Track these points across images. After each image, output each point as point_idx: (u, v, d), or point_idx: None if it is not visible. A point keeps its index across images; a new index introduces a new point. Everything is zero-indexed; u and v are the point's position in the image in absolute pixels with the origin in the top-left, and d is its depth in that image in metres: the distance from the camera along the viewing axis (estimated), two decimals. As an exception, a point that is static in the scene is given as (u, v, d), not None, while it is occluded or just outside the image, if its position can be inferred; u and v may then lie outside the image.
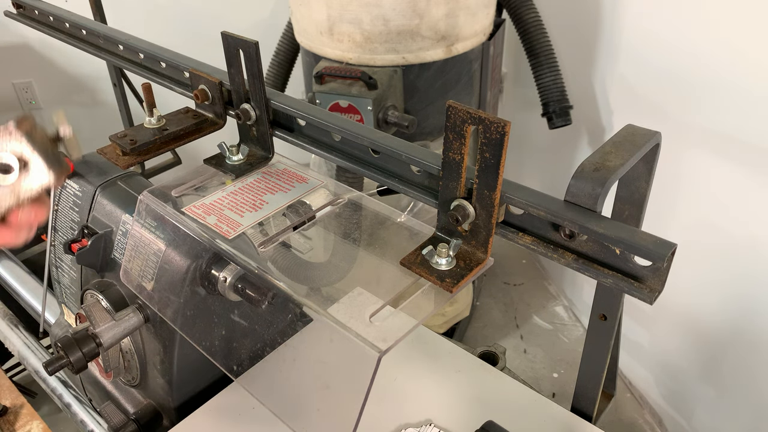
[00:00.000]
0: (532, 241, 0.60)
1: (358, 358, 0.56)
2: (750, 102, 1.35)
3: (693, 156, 1.53)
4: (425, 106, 1.58)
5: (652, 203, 0.67)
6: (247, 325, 0.84)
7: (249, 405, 0.91)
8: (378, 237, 0.73)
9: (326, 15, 1.48)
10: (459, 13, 1.47)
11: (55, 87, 2.51)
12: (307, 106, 0.78)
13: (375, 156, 0.72)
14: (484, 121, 0.55)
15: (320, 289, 0.74)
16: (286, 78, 1.98)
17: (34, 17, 1.24)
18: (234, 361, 0.82)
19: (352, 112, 1.47)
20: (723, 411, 1.66)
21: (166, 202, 0.77)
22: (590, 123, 1.97)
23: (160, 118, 0.85)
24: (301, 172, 0.81)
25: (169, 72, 0.94)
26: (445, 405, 0.90)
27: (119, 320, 0.85)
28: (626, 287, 0.54)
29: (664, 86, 1.60)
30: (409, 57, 1.49)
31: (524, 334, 2.28)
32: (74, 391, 1.04)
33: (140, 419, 0.95)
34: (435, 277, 0.61)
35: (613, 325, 0.74)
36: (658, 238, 0.51)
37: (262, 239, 0.72)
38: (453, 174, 0.61)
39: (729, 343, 1.59)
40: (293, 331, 0.82)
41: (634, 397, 2.01)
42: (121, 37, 1.01)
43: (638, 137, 0.60)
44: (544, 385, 2.07)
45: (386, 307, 0.60)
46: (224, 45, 0.76)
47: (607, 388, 0.88)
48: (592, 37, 1.87)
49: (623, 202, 0.67)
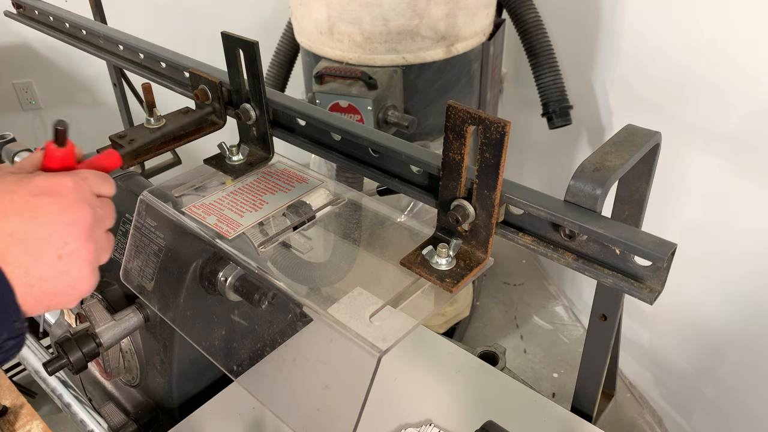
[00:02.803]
0: (532, 241, 0.60)
1: (358, 358, 0.56)
2: (750, 102, 1.35)
3: (693, 156, 1.53)
4: (425, 106, 1.58)
5: (652, 203, 0.67)
6: (247, 325, 0.84)
7: (249, 405, 0.91)
8: (378, 237, 0.73)
9: (326, 15, 1.48)
10: (459, 13, 1.47)
11: (55, 87, 2.51)
12: (307, 106, 0.78)
13: (375, 156, 0.72)
14: (484, 121, 0.55)
15: (320, 289, 0.74)
16: (286, 78, 1.98)
17: (34, 17, 1.24)
18: (234, 361, 0.82)
19: (352, 112, 1.47)
20: (723, 411, 1.66)
21: (166, 202, 0.77)
22: (590, 123, 1.97)
23: (160, 118, 0.85)
24: (301, 172, 0.81)
25: (169, 72, 0.94)
26: (445, 405, 0.90)
27: (119, 320, 0.85)
28: (626, 287, 0.54)
29: (664, 86, 1.60)
30: (409, 57, 1.49)
31: (524, 334, 2.28)
32: (74, 391, 1.04)
33: (140, 419, 0.95)
34: (435, 277, 0.61)
35: (613, 325, 0.74)
36: (658, 238, 0.51)
37: (262, 239, 0.72)
38: (453, 174, 0.61)
39: (729, 343, 1.58)
40: (293, 331, 0.82)
41: (634, 397, 2.01)
42: (121, 37, 1.01)
43: (638, 137, 0.60)
44: (544, 385, 2.07)
45: (386, 307, 0.60)
46: (224, 45, 0.76)
47: (607, 388, 0.88)
48: (592, 37, 1.87)
49: (623, 202, 0.67)
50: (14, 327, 0.42)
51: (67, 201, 0.46)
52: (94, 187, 0.50)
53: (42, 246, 0.43)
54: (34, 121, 2.58)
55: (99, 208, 0.49)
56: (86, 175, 0.50)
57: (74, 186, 0.47)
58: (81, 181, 0.48)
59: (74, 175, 0.48)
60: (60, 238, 0.44)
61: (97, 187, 0.50)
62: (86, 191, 0.48)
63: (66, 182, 0.46)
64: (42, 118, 2.58)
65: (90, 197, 0.48)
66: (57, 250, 0.44)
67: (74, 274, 0.46)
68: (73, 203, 0.46)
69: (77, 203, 0.46)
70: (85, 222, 0.46)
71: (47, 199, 0.45)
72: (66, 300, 0.46)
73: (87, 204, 0.47)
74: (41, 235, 0.43)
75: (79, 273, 0.46)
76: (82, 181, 0.48)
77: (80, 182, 0.48)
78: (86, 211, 0.46)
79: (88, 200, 0.48)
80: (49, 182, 0.46)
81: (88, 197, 0.48)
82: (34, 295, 0.43)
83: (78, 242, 0.46)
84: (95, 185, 0.50)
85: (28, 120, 2.56)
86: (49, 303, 0.45)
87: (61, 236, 0.45)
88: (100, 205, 0.49)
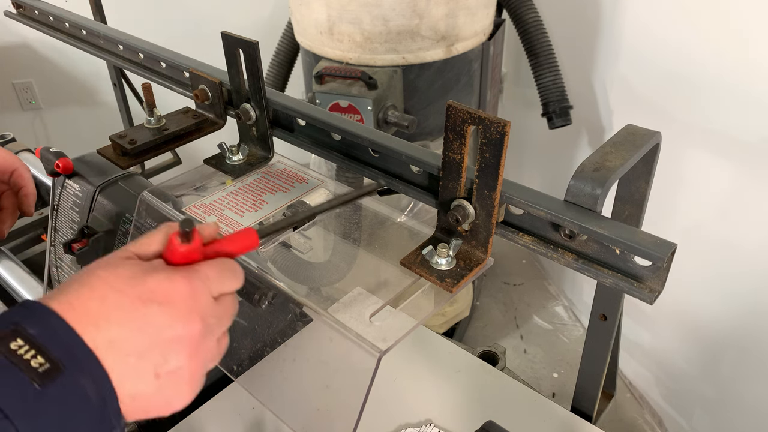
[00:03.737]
0: (532, 241, 0.60)
1: (358, 358, 0.56)
2: (750, 102, 1.35)
3: (693, 156, 1.53)
4: (425, 106, 1.58)
5: (652, 203, 0.67)
6: (247, 325, 0.84)
7: (249, 405, 0.91)
8: (378, 237, 0.73)
9: (326, 15, 1.48)
10: (459, 13, 1.47)
11: (55, 87, 2.51)
12: (307, 106, 0.78)
13: (375, 156, 0.72)
14: (484, 121, 0.55)
15: (320, 289, 0.74)
16: (286, 78, 1.98)
17: (34, 17, 1.24)
18: (234, 361, 0.82)
19: (352, 112, 1.47)
20: (723, 411, 1.66)
21: (166, 202, 0.77)
22: (590, 123, 1.97)
23: (160, 118, 0.85)
24: (301, 172, 0.82)
25: (169, 72, 0.94)
26: (445, 405, 0.90)
27: (119, 320, 0.85)
28: (626, 287, 0.54)
29: (664, 86, 1.60)
30: (409, 57, 1.49)
31: (524, 334, 2.28)
32: (74, 391, 1.04)
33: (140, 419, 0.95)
34: (435, 277, 0.61)
35: (613, 325, 0.74)
36: (658, 238, 0.51)
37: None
38: (453, 174, 0.61)
39: (729, 343, 1.58)
40: (293, 331, 0.82)
41: (634, 397, 2.01)
42: (121, 37, 1.01)
43: (638, 137, 0.60)
44: (544, 385, 2.07)
45: (386, 307, 0.60)
46: (224, 45, 0.76)
47: (607, 388, 0.88)
48: (592, 37, 1.87)
49: (623, 202, 0.67)
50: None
51: (177, 313, 0.41)
52: (215, 288, 0.44)
53: (140, 360, 0.40)
54: (34, 121, 2.58)
55: (213, 317, 0.43)
56: (209, 273, 0.44)
57: (190, 294, 0.42)
58: (200, 286, 0.43)
59: (193, 277, 0.42)
60: (161, 356, 0.40)
61: (219, 287, 0.44)
62: (202, 299, 0.43)
63: (181, 289, 0.41)
64: (42, 118, 2.58)
65: (205, 306, 0.43)
66: (155, 368, 0.40)
67: (170, 394, 0.42)
68: (184, 315, 0.41)
69: (189, 315, 0.41)
70: (192, 339, 0.42)
71: (156, 308, 0.40)
72: (157, 413, 0.42)
73: (199, 317, 0.42)
74: (142, 347, 0.40)
75: (177, 392, 0.42)
76: (202, 285, 0.43)
77: (198, 287, 0.42)
78: (196, 327, 0.42)
79: (202, 311, 0.42)
80: (162, 287, 0.41)
81: (202, 307, 0.43)
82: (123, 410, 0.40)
83: (180, 362, 0.41)
84: (217, 286, 0.44)
85: (28, 120, 2.56)
86: (138, 416, 0.41)
87: (162, 353, 0.40)
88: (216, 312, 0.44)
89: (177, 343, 0.41)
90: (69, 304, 0.39)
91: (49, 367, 0.36)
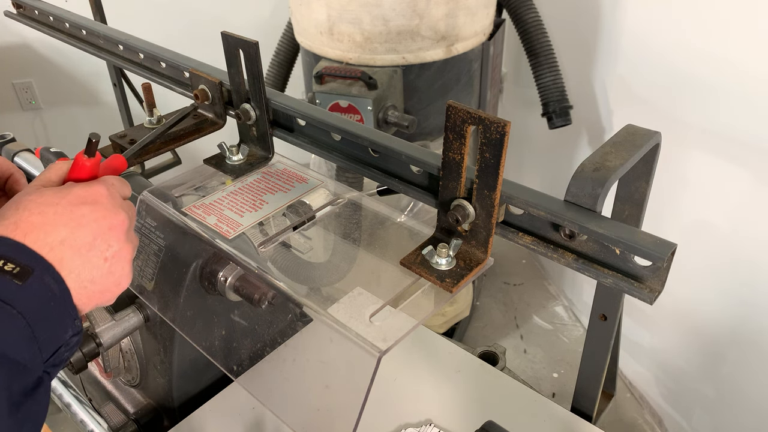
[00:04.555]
0: (532, 241, 0.60)
1: (358, 358, 0.56)
2: (750, 102, 1.35)
3: (693, 156, 1.53)
4: (425, 106, 1.58)
5: (652, 203, 0.67)
6: (247, 325, 0.84)
7: (249, 405, 0.91)
8: (378, 237, 0.73)
9: (326, 15, 1.48)
10: (459, 13, 1.47)
11: (55, 87, 2.51)
12: (307, 106, 0.78)
13: (375, 156, 0.72)
14: (484, 121, 0.55)
15: (320, 289, 0.74)
16: (286, 78, 1.98)
17: (34, 17, 1.24)
18: (234, 361, 0.82)
19: (352, 112, 1.47)
20: (723, 411, 1.66)
21: (166, 202, 0.77)
22: (590, 123, 1.97)
23: (160, 118, 0.85)
24: (301, 172, 0.81)
25: (169, 72, 0.94)
26: (445, 405, 0.90)
27: (119, 320, 0.85)
28: (626, 287, 0.54)
29: (665, 86, 1.60)
30: (409, 57, 1.49)
31: (524, 334, 2.28)
32: (74, 391, 1.04)
33: (140, 419, 0.95)
34: (435, 277, 0.61)
35: (613, 325, 0.74)
36: (658, 238, 0.51)
37: (262, 239, 0.72)
38: (453, 174, 0.61)
39: (729, 343, 1.58)
40: (293, 331, 0.82)
41: (634, 397, 2.01)
42: (121, 37, 1.01)
43: (638, 137, 0.60)
44: (544, 385, 2.07)
45: (386, 307, 0.60)
46: (224, 45, 0.76)
47: (607, 388, 0.88)
48: (592, 37, 1.87)
49: (623, 202, 0.67)
50: (75, 324, 0.47)
51: (105, 208, 0.50)
52: (120, 191, 0.54)
53: (89, 251, 0.48)
54: (34, 121, 2.58)
55: (129, 211, 0.54)
56: (112, 181, 0.54)
57: (108, 193, 0.51)
58: (111, 188, 0.53)
59: (104, 182, 0.53)
60: (104, 242, 0.49)
61: (122, 190, 0.55)
62: (117, 197, 0.53)
63: (101, 190, 0.51)
64: (42, 118, 2.58)
65: (121, 202, 0.53)
66: (102, 254, 0.49)
67: (118, 273, 0.51)
68: (111, 209, 0.51)
69: (114, 209, 0.51)
70: (123, 225, 0.51)
71: (88, 207, 0.49)
72: (111, 296, 0.51)
73: (121, 209, 0.52)
74: (87, 240, 0.48)
75: (122, 272, 0.51)
76: (112, 188, 0.53)
77: (111, 189, 0.52)
78: (122, 216, 0.51)
79: (121, 205, 0.52)
80: (86, 192, 0.50)
81: (120, 202, 0.53)
82: (86, 295, 0.48)
83: (119, 244, 0.51)
84: (120, 190, 0.55)
85: (28, 120, 2.56)
86: (98, 301, 0.50)
87: (104, 240, 0.49)
88: (127, 207, 0.54)
89: (113, 230, 0.50)
90: (14, 225, 0.45)
91: (21, 270, 0.43)
